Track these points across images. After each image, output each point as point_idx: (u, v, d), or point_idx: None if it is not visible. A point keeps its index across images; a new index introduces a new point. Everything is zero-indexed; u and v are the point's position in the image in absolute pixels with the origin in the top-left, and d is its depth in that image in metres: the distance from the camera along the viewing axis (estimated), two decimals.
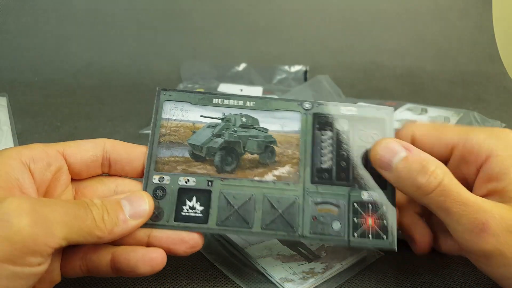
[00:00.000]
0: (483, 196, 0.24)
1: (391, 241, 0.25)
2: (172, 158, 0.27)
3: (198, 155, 0.27)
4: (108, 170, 0.26)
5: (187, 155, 0.27)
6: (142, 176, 0.26)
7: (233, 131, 0.27)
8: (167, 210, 0.26)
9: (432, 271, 0.30)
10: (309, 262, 0.29)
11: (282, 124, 0.28)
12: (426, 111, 0.61)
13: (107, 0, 0.84)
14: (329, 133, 0.27)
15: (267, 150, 0.27)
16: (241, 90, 0.69)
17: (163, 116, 0.27)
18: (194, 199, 0.26)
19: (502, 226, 0.22)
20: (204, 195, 0.26)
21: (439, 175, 0.23)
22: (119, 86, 0.75)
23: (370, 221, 0.25)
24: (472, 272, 0.30)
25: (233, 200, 0.26)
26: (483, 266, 0.23)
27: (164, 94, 0.28)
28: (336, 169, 0.27)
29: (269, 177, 0.27)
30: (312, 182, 0.26)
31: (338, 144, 0.27)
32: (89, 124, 0.57)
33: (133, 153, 0.26)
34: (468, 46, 0.96)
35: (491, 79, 0.89)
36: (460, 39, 0.96)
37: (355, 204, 0.26)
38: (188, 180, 0.26)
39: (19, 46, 0.78)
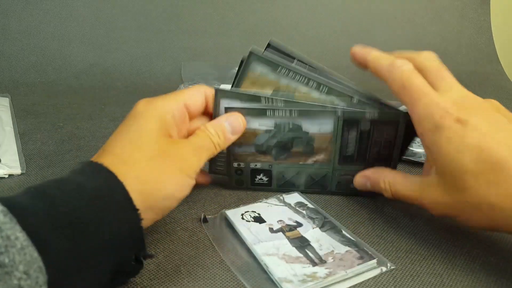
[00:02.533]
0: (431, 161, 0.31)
1: None
2: (244, 153, 0.38)
3: (261, 150, 0.38)
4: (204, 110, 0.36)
5: (253, 150, 0.38)
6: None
7: (283, 134, 0.37)
8: (245, 180, 0.40)
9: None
10: (313, 266, 0.29)
11: (320, 128, 0.37)
12: None
13: (109, 2, 0.85)
14: (354, 133, 0.37)
15: (308, 145, 0.37)
16: None
17: None
18: (261, 174, 0.39)
19: (433, 202, 0.30)
20: (267, 172, 0.39)
21: (388, 189, 0.35)
22: (121, 87, 0.75)
23: None
24: (471, 271, 0.30)
25: (286, 174, 0.39)
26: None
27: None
28: (357, 156, 0.38)
29: (309, 161, 0.38)
30: (339, 163, 0.38)
31: (361, 139, 0.37)
32: (91, 124, 0.57)
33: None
34: (466, 46, 0.96)
35: (489, 79, 0.89)
36: (458, 40, 0.97)
37: None
38: (256, 165, 0.39)
39: (22, 47, 0.78)
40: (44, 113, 0.61)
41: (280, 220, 0.35)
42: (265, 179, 0.39)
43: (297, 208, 0.37)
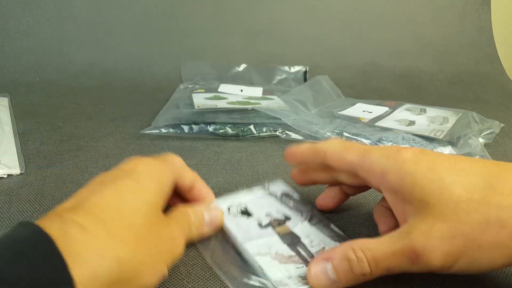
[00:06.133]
0: (405, 204, 0.25)
1: None
2: None
3: None
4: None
5: None
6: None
7: None
8: None
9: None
10: (306, 266, 0.29)
11: None
12: (425, 111, 0.61)
13: (108, 2, 0.85)
14: None
15: None
16: (241, 90, 0.70)
17: None
18: None
19: (429, 239, 0.23)
20: None
21: (363, 257, 0.25)
22: (120, 87, 0.75)
23: None
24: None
25: None
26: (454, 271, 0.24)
27: None
28: None
29: None
30: None
31: None
32: (90, 124, 0.57)
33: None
34: (467, 46, 0.96)
35: (489, 79, 0.89)
36: (459, 39, 0.96)
37: None
38: None
39: (21, 46, 0.78)
40: (43, 113, 0.61)
41: (268, 214, 0.34)
42: None
43: (283, 198, 0.36)
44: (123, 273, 0.21)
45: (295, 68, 0.82)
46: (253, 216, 0.34)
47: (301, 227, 0.33)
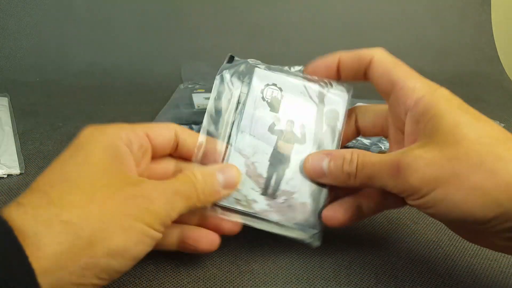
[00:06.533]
0: (413, 140, 0.26)
1: None
2: None
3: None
4: (174, 152, 0.30)
5: None
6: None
7: None
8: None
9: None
10: (261, 194, 0.28)
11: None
12: None
13: (108, 1, 0.85)
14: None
15: None
16: None
17: None
18: None
19: (415, 159, 0.24)
20: None
21: (355, 159, 0.27)
22: (120, 87, 0.75)
23: None
24: (471, 271, 0.30)
25: None
26: (424, 205, 0.24)
27: None
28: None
29: None
30: None
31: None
32: (90, 124, 0.57)
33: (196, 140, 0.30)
34: (467, 46, 0.96)
35: (490, 79, 0.89)
36: (459, 39, 0.96)
37: None
38: None
39: (21, 46, 0.78)
40: (43, 113, 0.61)
41: (291, 121, 0.30)
42: None
43: (325, 116, 0.30)
44: (79, 236, 0.20)
45: (295, 68, 0.82)
46: (277, 112, 0.30)
47: (302, 158, 0.29)
